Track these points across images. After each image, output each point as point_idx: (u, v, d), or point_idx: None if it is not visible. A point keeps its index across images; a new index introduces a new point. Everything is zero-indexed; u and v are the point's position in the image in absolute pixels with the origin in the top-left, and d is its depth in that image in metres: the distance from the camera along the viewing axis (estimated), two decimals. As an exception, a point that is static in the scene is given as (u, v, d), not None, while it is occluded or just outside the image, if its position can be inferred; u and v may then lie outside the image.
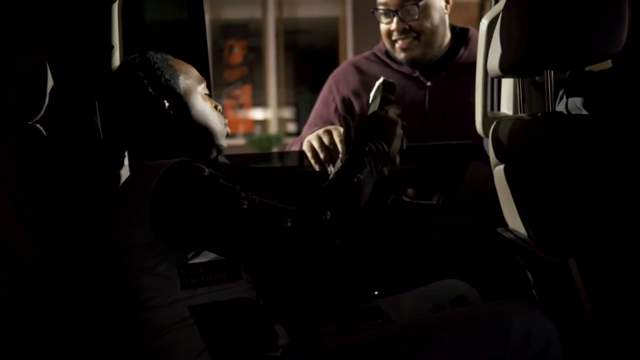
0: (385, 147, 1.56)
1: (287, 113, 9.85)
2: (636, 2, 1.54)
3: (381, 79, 1.74)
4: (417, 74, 2.50)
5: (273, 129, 9.56)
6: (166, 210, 1.46)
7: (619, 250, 1.49)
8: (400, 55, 2.50)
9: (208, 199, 1.44)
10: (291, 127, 9.69)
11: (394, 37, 2.48)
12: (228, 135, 1.72)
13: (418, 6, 2.40)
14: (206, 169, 1.48)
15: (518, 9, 1.62)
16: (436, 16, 2.47)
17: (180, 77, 1.65)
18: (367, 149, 1.53)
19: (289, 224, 1.40)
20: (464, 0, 8.44)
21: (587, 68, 1.79)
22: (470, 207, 2.28)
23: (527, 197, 1.73)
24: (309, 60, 9.68)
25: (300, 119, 9.69)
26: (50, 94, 1.67)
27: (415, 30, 2.45)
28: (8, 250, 1.37)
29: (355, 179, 1.47)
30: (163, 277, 1.49)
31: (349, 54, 8.91)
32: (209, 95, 1.72)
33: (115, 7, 1.98)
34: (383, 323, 1.69)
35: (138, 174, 1.56)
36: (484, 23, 2.03)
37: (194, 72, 1.71)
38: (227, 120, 1.72)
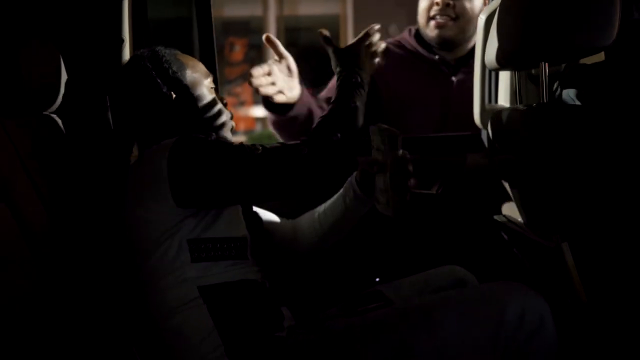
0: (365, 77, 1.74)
1: (288, 111, 9.77)
2: (626, -4, 1.59)
3: (377, 127, 1.65)
4: (443, 67, 2.53)
5: (274, 126, 9.47)
6: (187, 175, 1.52)
7: (611, 234, 1.52)
8: (434, 33, 2.49)
9: (225, 153, 1.53)
10: (291, 124, 9.62)
11: (432, 12, 2.48)
12: (233, 131, 1.76)
13: None
14: (213, 134, 1.60)
15: (513, 4, 1.66)
16: (477, 5, 2.49)
17: (187, 71, 1.70)
18: (353, 80, 1.71)
19: (306, 151, 1.53)
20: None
21: (582, 61, 1.81)
22: (468, 196, 2.31)
23: (523, 184, 1.77)
24: (310, 57, 9.59)
25: (300, 117, 9.62)
26: (64, 85, 1.73)
27: (456, 11, 2.46)
28: (30, 231, 1.42)
29: (353, 104, 1.67)
30: (174, 251, 1.53)
31: (349, 52, 8.88)
32: (216, 90, 1.77)
33: (126, 4, 2.03)
34: (384, 305, 1.72)
35: (147, 154, 1.61)
36: (482, 18, 2.05)
37: (201, 67, 1.76)
38: (232, 114, 1.76)
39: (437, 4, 2.47)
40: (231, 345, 1.51)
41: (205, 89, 1.72)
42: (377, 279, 2.24)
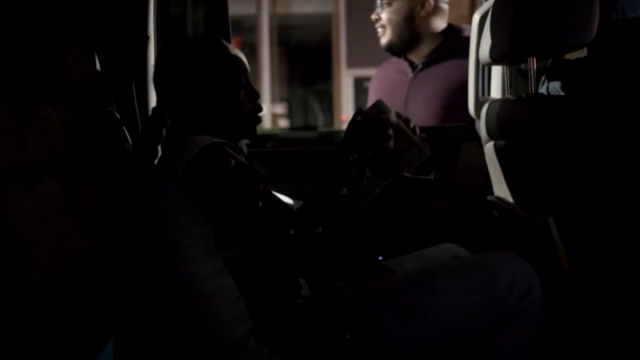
0: (370, 153, 1.61)
1: (280, 109, 9.74)
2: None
3: (378, 105, 1.74)
4: (407, 69, 2.79)
5: (266, 124, 9.43)
6: (193, 186, 1.57)
7: (593, 210, 1.63)
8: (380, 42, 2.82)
9: (229, 189, 1.54)
10: (283, 123, 9.60)
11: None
12: (259, 123, 1.80)
13: (382, 3, 2.77)
14: (233, 160, 1.56)
15: (505, 5, 1.78)
16: (400, 15, 2.77)
17: (219, 64, 1.74)
18: (351, 158, 1.59)
19: (292, 232, 1.51)
20: (454, -3, 8.48)
21: (567, 56, 1.95)
22: (463, 180, 2.44)
23: (513, 167, 1.89)
24: (302, 56, 9.61)
25: (293, 115, 9.65)
26: (97, 77, 1.90)
27: (382, 22, 2.79)
28: (80, 205, 1.57)
29: (342, 193, 1.55)
30: (200, 233, 1.61)
31: (341, 51, 8.84)
32: (249, 86, 1.78)
33: (152, 4, 2.19)
34: (389, 276, 1.86)
35: (180, 143, 1.64)
36: (476, 18, 2.20)
37: (238, 61, 1.77)
38: (261, 110, 1.80)
39: (373, 18, 2.81)
40: (255, 309, 1.63)
41: (234, 84, 1.75)
42: (380, 257, 2.38)
